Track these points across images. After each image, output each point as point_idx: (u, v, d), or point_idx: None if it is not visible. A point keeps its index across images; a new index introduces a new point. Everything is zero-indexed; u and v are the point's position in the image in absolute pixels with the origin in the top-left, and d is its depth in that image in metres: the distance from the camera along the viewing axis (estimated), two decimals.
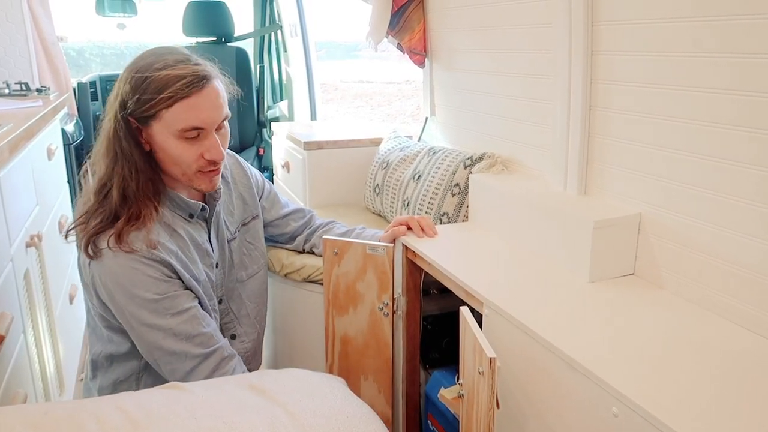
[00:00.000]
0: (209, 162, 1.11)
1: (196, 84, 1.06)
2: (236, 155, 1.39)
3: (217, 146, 1.11)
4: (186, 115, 1.06)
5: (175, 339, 1.07)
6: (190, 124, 1.07)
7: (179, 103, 1.05)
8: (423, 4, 1.88)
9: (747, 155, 0.94)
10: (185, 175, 1.12)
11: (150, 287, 1.06)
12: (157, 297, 1.06)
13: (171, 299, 1.08)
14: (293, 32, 3.48)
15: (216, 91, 1.10)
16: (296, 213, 1.49)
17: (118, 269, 1.05)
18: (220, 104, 1.11)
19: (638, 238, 1.17)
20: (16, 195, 1.47)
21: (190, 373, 1.08)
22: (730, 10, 0.94)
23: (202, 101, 1.07)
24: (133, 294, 1.05)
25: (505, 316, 1.03)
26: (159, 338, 1.07)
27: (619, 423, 0.79)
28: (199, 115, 1.07)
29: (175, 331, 1.07)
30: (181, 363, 1.08)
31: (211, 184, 1.15)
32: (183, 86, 1.05)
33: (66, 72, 2.79)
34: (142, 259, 1.05)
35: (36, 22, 2.61)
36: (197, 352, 1.08)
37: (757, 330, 0.95)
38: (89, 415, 0.80)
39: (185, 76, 1.06)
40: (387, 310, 1.32)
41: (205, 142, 1.10)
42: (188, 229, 1.17)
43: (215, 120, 1.10)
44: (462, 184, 1.56)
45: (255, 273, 1.34)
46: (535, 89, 1.43)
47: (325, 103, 5.88)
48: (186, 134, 1.08)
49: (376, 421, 0.88)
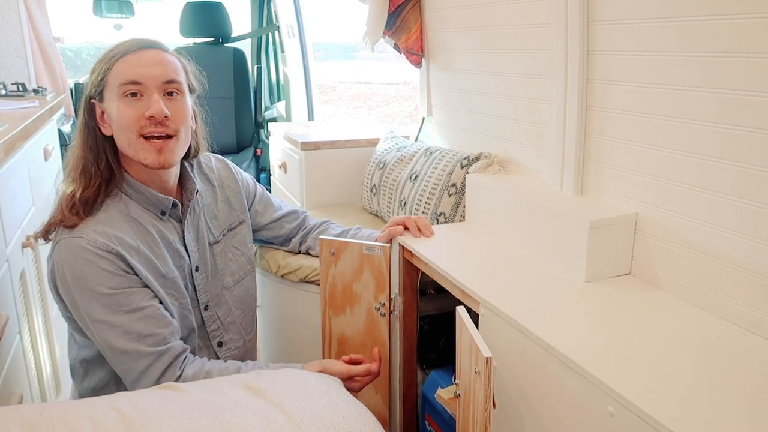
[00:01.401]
0: (151, 121, 1.07)
1: (138, 45, 1.08)
2: (226, 159, 1.37)
3: (157, 103, 1.07)
4: (124, 69, 1.06)
5: (126, 338, 1.04)
6: (128, 78, 1.06)
7: (118, 61, 1.07)
8: (420, 4, 1.88)
9: (743, 155, 0.94)
10: (131, 146, 1.08)
11: (103, 280, 1.03)
12: (110, 291, 1.03)
13: (125, 295, 1.05)
14: (290, 33, 3.48)
15: (161, 54, 1.10)
16: (290, 215, 1.48)
17: (72, 260, 1.03)
18: (164, 65, 1.09)
19: (634, 238, 1.17)
20: (12, 195, 1.47)
21: (144, 372, 1.05)
22: (728, 10, 0.94)
23: (143, 57, 1.08)
24: (86, 287, 1.03)
25: (501, 315, 1.03)
26: (110, 336, 1.04)
27: (615, 422, 0.79)
28: (137, 69, 1.06)
29: (126, 329, 1.04)
30: (134, 362, 1.05)
31: (158, 157, 1.08)
32: (125, 47, 1.08)
33: (63, 73, 2.79)
34: (95, 250, 1.03)
35: (33, 22, 2.61)
36: (149, 350, 1.05)
37: (753, 329, 0.95)
38: (84, 415, 0.80)
39: (132, 40, 1.09)
40: (384, 310, 1.32)
41: (147, 101, 1.07)
42: (159, 227, 1.14)
43: (154, 75, 1.07)
44: (459, 184, 1.56)
45: (241, 279, 1.31)
46: (531, 89, 1.43)
47: (323, 104, 5.89)
48: (126, 89, 1.06)
49: (372, 421, 0.88)
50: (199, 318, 1.22)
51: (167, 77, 1.09)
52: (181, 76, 1.12)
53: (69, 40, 3.25)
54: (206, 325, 1.23)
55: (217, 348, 1.26)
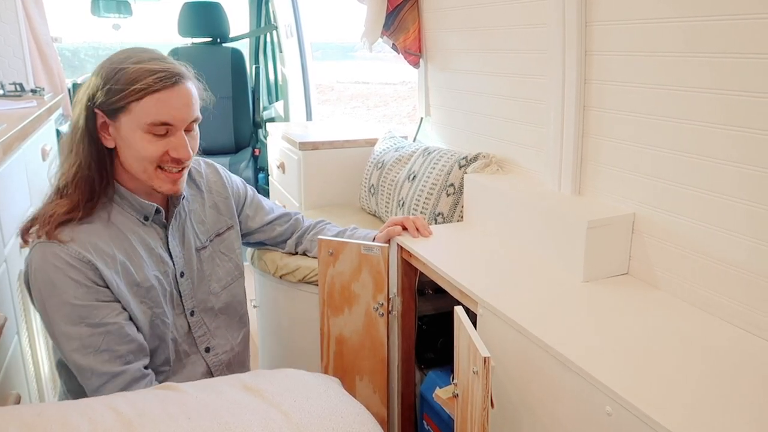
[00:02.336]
0: (173, 160, 1.09)
1: (168, 79, 1.05)
2: (215, 164, 1.36)
3: (185, 145, 1.08)
4: (156, 109, 1.04)
5: (82, 352, 1.03)
6: (159, 119, 1.05)
7: (150, 96, 1.04)
8: (418, 4, 1.88)
9: (740, 155, 0.95)
10: (146, 173, 1.09)
11: (69, 290, 1.02)
12: (74, 302, 1.02)
13: (90, 309, 1.03)
14: (289, 33, 3.48)
15: (188, 90, 1.09)
16: (281, 218, 1.47)
17: (43, 265, 1.02)
18: (192, 104, 1.09)
19: (632, 238, 1.17)
20: (10, 195, 1.47)
21: (96, 391, 1.03)
22: (724, 10, 0.94)
23: (174, 97, 1.06)
24: (53, 293, 1.02)
25: (499, 315, 1.03)
26: (68, 348, 1.03)
27: (613, 421, 0.80)
28: (169, 111, 1.06)
29: (84, 343, 1.03)
30: (87, 380, 1.04)
31: (173, 186, 1.12)
32: (156, 80, 1.04)
33: (61, 72, 2.79)
34: (67, 258, 1.02)
35: (30, 22, 2.61)
36: (103, 370, 1.03)
37: (751, 328, 0.96)
38: (82, 416, 0.80)
39: (159, 71, 1.05)
40: (382, 310, 1.33)
41: (173, 140, 1.08)
42: (140, 233, 1.13)
43: (185, 118, 1.08)
44: (457, 184, 1.56)
45: (228, 285, 1.30)
46: (529, 89, 1.44)
47: (321, 104, 5.88)
48: (154, 129, 1.05)
49: (370, 421, 0.88)
50: (186, 324, 1.21)
51: (194, 117, 1.10)
52: (199, 108, 1.12)
53: (67, 40, 3.24)
54: (192, 330, 1.22)
55: (205, 353, 1.25)
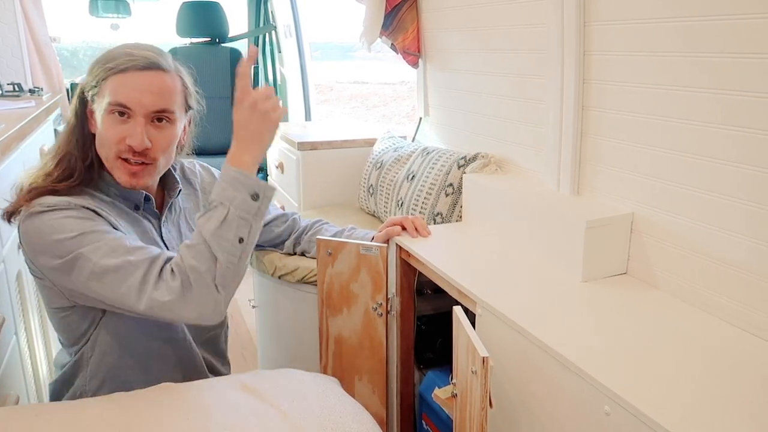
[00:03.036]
0: (129, 149, 1.04)
1: (137, 63, 1.03)
2: (210, 167, 1.35)
3: (140, 135, 1.03)
4: (117, 89, 1.02)
5: (114, 255, 0.97)
6: (117, 99, 1.02)
7: (115, 76, 1.02)
8: (416, 4, 1.88)
9: (738, 155, 0.95)
10: (108, 161, 1.06)
11: (70, 226, 0.98)
12: (80, 232, 0.98)
13: (99, 233, 0.99)
14: (288, 33, 3.49)
15: (160, 79, 1.04)
16: (278, 219, 1.47)
17: (36, 223, 0.98)
18: (160, 93, 1.05)
19: (631, 238, 1.17)
20: (7, 195, 1.46)
21: (144, 279, 0.97)
22: (722, 10, 0.94)
23: (137, 80, 1.03)
24: (55, 239, 0.97)
25: (498, 315, 1.03)
26: (99, 259, 0.97)
27: (611, 421, 0.80)
28: (129, 92, 1.02)
29: (112, 246, 0.98)
30: (131, 276, 0.97)
31: (130, 179, 1.06)
32: (124, 62, 1.02)
33: (59, 73, 2.78)
34: (56, 206, 0.99)
35: (29, 22, 2.60)
36: (141, 259, 0.98)
37: (749, 328, 0.96)
38: (81, 416, 0.80)
39: (133, 55, 1.03)
40: (381, 311, 1.33)
41: (130, 126, 1.04)
42: (135, 216, 1.12)
43: (145, 104, 1.03)
44: (455, 184, 1.57)
45: None
46: (528, 89, 1.44)
47: (320, 103, 5.88)
48: (112, 109, 1.03)
49: (369, 421, 0.88)
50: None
51: (158, 107, 1.05)
52: (175, 104, 1.08)
53: (65, 40, 3.25)
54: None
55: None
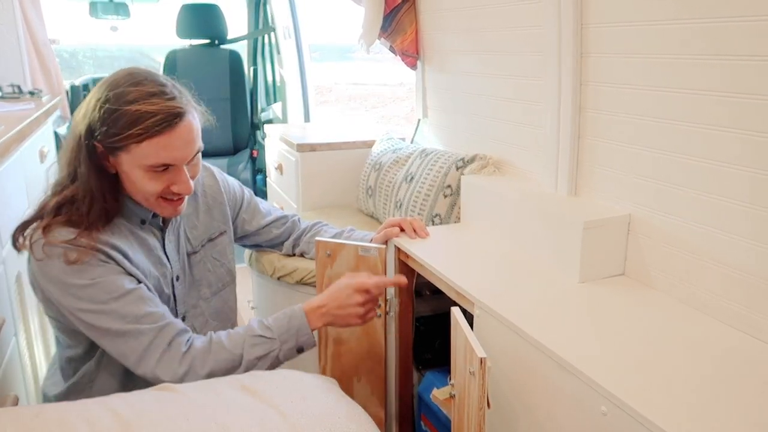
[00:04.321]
0: (175, 193, 1.09)
1: (168, 122, 1.02)
2: (212, 168, 1.35)
3: (187, 181, 1.08)
4: (156, 153, 1.03)
5: (122, 321, 1.01)
6: (159, 162, 1.04)
7: (149, 141, 1.02)
8: (415, 6, 1.89)
9: (735, 156, 0.95)
10: (147, 201, 1.09)
11: (82, 273, 1.01)
12: (91, 282, 1.01)
13: (109, 283, 1.02)
14: (287, 34, 3.49)
15: (189, 126, 1.06)
16: (278, 220, 1.47)
17: (48, 258, 1.01)
18: (193, 140, 1.07)
19: (628, 239, 1.18)
20: (7, 197, 1.47)
21: (147, 349, 1.01)
22: (718, 12, 0.95)
23: (174, 139, 1.04)
24: (66, 284, 1.00)
25: (495, 316, 1.04)
26: (105, 322, 1.01)
27: (608, 421, 0.80)
28: (170, 153, 1.04)
29: (121, 314, 1.01)
30: (134, 341, 1.01)
31: (174, 211, 1.12)
32: (154, 123, 1.01)
33: (58, 74, 2.79)
34: (69, 247, 1.01)
35: (28, 24, 2.61)
36: (149, 327, 1.02)
37: (746, 329, 0.96)
38: (80, 417, 0.80)
39: (157, 113, 1.02)
40: (380, 312, 1.33)
41: (174, 176, 1.07)
42: (139, 234, 1.13)
43: (186, 157, 1.07)
44: (454, 185, 1.57)
45: (219, 290, 1.30)
46: (525, 91, 1.44)
47: (319, 105, 5.89)
48: (155, 169, 1.05)
49: (367, 422, 0.88)
50: None
51: (195, 152, 1.08)
52: (200, 137, 1.10)
53: (65, 42, 3.25)
54: None
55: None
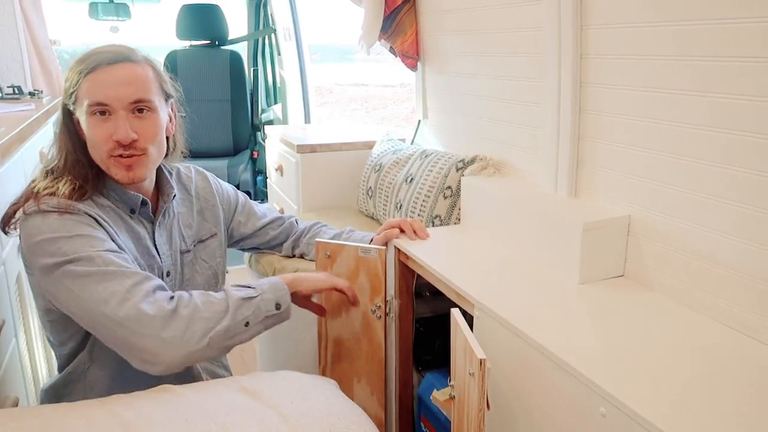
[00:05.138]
0: (118, 145, 1.05)
1: (109, 60, 1.04)
2: (205, 172, 1.35)
3: (123, 127, 1.04)
4: (92, 90, 1.03)
5: (106, 265, 0.97)
6: (93, 99, 1.03)
7: (86, 78, 1.03)
8: (415, 7, 1.89)
9: (736, 158, 0.95)
10: (102, 162, 1.07)
11: (72, 228, 0.99)
12: (79, 234, 0.99)
13: (96, 239, 1.00)
14: (287, 36, 3.49)
15: (132, 70, 1.06)
16: (274, 222, 1.47)
17: (32, 230, 0.99)
18: (133, 83, 1.05)
19: (628, 240, 1.18)
20: (7, 198, 1.47)
21: (132, 288, 0.96)
22: (719, 14, 0.95)
23: (108, 76, 1.04)
24: (53, 239, 0.97)
25: (495, 317, 1.04)
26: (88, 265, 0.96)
27: (607, 422, 0.80)
28: (103, 90, 1.03)
29: (105, 259, 0.98)
30: (118, 283, 0.96)
31: (127, 173, 1.07)
32: (93, 60, 1.04)
33: (59, 75, 2.79)
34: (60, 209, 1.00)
35: (28, 25, 2.61)
36: (135, 272, 0.99)
37: (745, 330, 0.96)
38: (80, 418, 0.81)
39: (102, 52, 1.04)
40: (380, 313, 1.33)
41: (114, 123, 1.05)
42: (129, 222, 1.12)
43: (121, 97, 1.04)
44: (454, 186, 1.57)
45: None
46: (525, 92, 1.44)
47: (320, 106, 5.89)
48: (92, 110, 1.04)
49: (367, 423, 0.88)
50: None
51: (135, 97, 1.06)
52: (152, 92, 1.08)
53: (65, 43, 3.25)
54: None
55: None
